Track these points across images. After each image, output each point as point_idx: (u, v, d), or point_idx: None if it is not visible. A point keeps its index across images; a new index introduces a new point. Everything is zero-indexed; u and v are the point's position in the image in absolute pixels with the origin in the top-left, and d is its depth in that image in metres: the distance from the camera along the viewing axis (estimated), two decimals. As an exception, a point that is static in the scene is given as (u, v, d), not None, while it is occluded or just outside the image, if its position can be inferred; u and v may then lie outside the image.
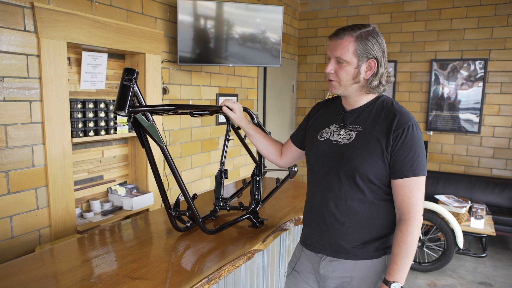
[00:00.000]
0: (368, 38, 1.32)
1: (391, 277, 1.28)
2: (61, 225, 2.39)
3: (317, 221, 1.44)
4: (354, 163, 1.32)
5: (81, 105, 2.47)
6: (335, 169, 1.37)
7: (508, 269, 3.74)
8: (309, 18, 5.54)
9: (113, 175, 2.98)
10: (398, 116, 1.31)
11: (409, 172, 1.27)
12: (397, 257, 1.27)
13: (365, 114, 1.38)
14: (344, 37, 1.32)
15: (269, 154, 1.72)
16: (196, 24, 3.26)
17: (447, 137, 4.85)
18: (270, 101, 4.97)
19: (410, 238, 1.26)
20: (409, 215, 1.28)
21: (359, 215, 1.35)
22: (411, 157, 1.27)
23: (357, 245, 1.37)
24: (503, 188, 4.45)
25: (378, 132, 1.31)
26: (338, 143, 1.38)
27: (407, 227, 1.27)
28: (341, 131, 1.40)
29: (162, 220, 1.88)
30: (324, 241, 1.42)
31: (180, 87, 3.42)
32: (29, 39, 2.18)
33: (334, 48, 1.34)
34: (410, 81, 4.98)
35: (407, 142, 1.27)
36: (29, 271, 1.30)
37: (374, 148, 1.30)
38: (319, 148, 1.44)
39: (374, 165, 1.30)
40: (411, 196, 1.27)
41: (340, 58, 1.32)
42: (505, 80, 4.50)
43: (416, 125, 1.31)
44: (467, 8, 4.57)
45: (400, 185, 1.29)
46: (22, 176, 2.19)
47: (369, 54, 1.32)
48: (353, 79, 1.34)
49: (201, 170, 3.77)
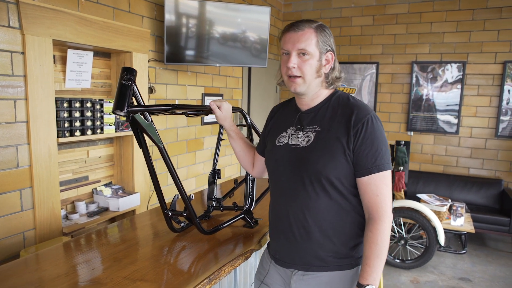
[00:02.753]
0: (325, 30, 1.27)
1: (364, 280, 1.19)
2: (46, 227, 2.32)
3: (285, 233, 1.34)
4: (316, 166, 1.24)
5: (67, 104, 2.41)
6: (297, 175, 1.28)
7: (485, 264, 3.88)
8: (293, 19, 5.57)
9: (98, 176, 2.92)
10: (356, 111, 1.24)
11: (374, 168, 1.20)
12: (369, 259, 1.19)
13: (322, 113, 1.31)
14: (305, 28, 1.25)
15: (244, 161, 1.66)
16: (183, 23, 3.24)
17: (427, 138, 4.98)
18: (255, 101, 4.98)
19: (381, 237, 1.19)
20: (378, 213, 1.20)
21: (328, 222, 1.27)
22: (374, 152, 1.20)
23: (329, 255, 1.29)
24: (480, 187, 4.61)
25: (337, 130, 1.24)
26: (297, 147, 1.30)
27: (377, 226, 1.19)
28: (299, 134, 1.33)
29: (155, 221, 1.85)
30: (295, 254, 1.33)
31: (167, 87, 3.38)
32: (13, 35, 2.11)
33: (295, 40, 1.25)
34: (391, 83, 5.09)
35: (368, 136, 1.20)
36: (23, 274, 1.26)
37: (335, 147, 1.23)
38: (278, 154, 1.36)
39: (338, 165, 1.22)
40: (378, 193, 1.20)
41: (304, 50, 1.24)
42: (482, 82, 4.66)
43: (376, 117, 1.24)
44: (446, 13, 4.71)
45: (366, 182, 1.22)
46: (6, 177, 2.12)
47: (327, 46, 1.27)
48: (316, 72, 1.27)
49: (186, 170, 3.74)
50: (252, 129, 1.94)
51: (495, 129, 4.64)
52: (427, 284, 3.45)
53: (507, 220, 4.11)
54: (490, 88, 4.63)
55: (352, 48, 5.27)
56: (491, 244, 4.46)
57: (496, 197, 4.53)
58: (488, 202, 4.55)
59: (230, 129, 1.60)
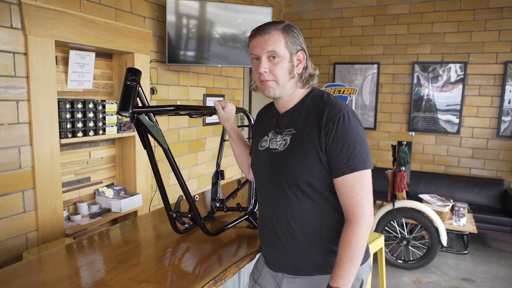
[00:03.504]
0: (292, 30, 1.24)
1: (334, 282, 1.14)
2: (48, 229, 2.32)
3: (271, 238, 1.33)
4: (292, 170, 1.21)
5: (70, 105, 2.41)
6: (277, 179, 1.26)
7: (487, 265, 3.87)
8: (294, 19, 5.57)
9: (100, 177, 2.92)
10: (328, 109, 1.20)
11: (346, 169, 1.15)
12: (341, 261, 1.14)
13: (297, 114, 1.28)
14: (271, 31, 1.22)
15: (241, 164, 1.65)
16: (185, 24, 3.23)
17: (428, 138, 4.98)
18: (256, 102, 4.98)
19: (356, 240, 1.13)
20: (353, 215, 1.16)
21: (313, 226, 1.24)
22: (345, 152, 1.15)
23: (316, 258, 1.27)
24: (482, 187, 4.60)
25: (310, 132, 1.20)
26: (276, 150, 1.28)
27: (352, 228, 1.15)
28: (277, 137, 1.30)
29: (158, 222, 1.85)
30: (283, 259, 1.31)
31: (168, 87, 3.37)
32: (16, 36, 2.11)
33: (263, 44, 1.22)
34: (392, 83, 5.09)
35: (339, 135, 1.16)
36: (28, 276, 1.26)
37: (307, 150, 1.19)
38: (260, 159, 1.35)
39: (312, 168, 1.19)
40: (353, 195, 1.16)
41: (274, 53, 1.21)
42: (483, 82, 4.66)
43: (350, 114, 1.19)
44: (447, 13, 4.71)
45: (340, 184, 1.17)
46: (9, 178, 2.11)
47: (297, 46, 1.24)
48: (289, 74, 1.24)
49: (188, 171, 3.74)
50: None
51: (497, 129, 4.64)
52: (430, 284, 3.44)
53: (509, 220, 4.11)
54: (491, 88, 4.63)
55: (353, 49, 5.26)
56: (493, 245, 4.45)
57: (498, 198, 4.53)
58: (490, 202, 4.55)
59: (232, 130, 1.60)
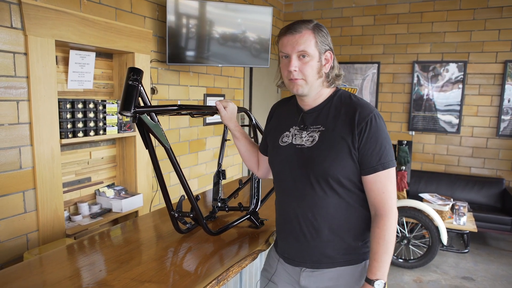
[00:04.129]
0: (321, 29, 1.27)
1: (373, 275, 1.22)
2: (49, 229, 2.31)
3: (294, 233, 1.35)
4: (323, 166, 1.25)
5: (70, 105, 2.40)
6: (304, 175, 1.29)
7: (488, 263, 3.87)
8: (294, 19, 5.56)
9: (101, 177, 2.91)
10: (359, 110, 1.25)
11: (379, 166, 1.22)
12: (377, 254, 1.22)
13: (325, 112, 1.32)
14: (302, 30, 1.24)
15: (249, 162, 1.65)
16: (185, 23, 3.23)
17: (428, 137, 4.98)
18: (256, 101, 4.97)
19: (388, 233, 1.22)
20: (384, 210, 1.23)
21: (337, 220, 1.29)
22: (378, 150, 1.22)
23: (338, 252, 1.31)
24: (482, 186, 4.61)
25: (341, 129, 1.25)
26: (302, 146, 1.31)
27: (384, 222, 1.22)
28: (303, 134, 1.33)
29: (159, 222, 1.85)
30: (304, 254, 1.34)
31: (169, 87, 3.37)
32: (16, 36, 2.10)
33: (294, 43, 1.25)
34: (392, 82, 5.09)
35: (372, 135, 1.22)
36: (29, 277, 1.26)
37: (340, 146, 1.24)
38: (283, 155, 1.36)
39: (344, 164, 1.24)
40: (384, 191, 1.23)
41: (304, 52, 1.24)
42: (483, 82, 4.66)
43: (379, 116, 1.26)
44: (447, 12, 4.71)
45: (371, 181, 1.24)
46: (9, 178, 2.11)
47: (326, 46, 1.27)
48: (317, 73, 1.27)
49: (189, 171, 3.73)
50: (256, 129, 1.93)
51: (496, 128, 4.64)
52: (430, 283, 3.44)
53: (509, 219, 4.11)
54: (491, 88, 4.64)
55: (353, 48, 5.26)
56: (493, 243, 4.45)
57: (498, 196, 4.53)
58: (490, 201, 4.55)
59: (235, 130, 1.59)
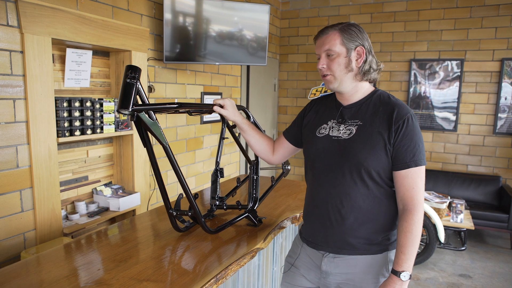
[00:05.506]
0: (350, 28, 1.37)
1: (399, 267, 1.29)
2: (46, 228, 2.30)
3: (320, 218, 1.44)
4: (358, 157, 1.34)
5: (67, 103, 2.39)
6: (338, 164, 1.38)
7: (484, 261, 3.89)
8: (291, 17, 5.57)
9: (98, 176, 2.90)
10: (397, 109, 1.34)
11: (411, 163, 1.30)
12: (404, 247, 1.29)
13: (364, 108, 1.41)
14: (329, 32, 1.38)
15: (261, 151, 1.69)
16: (182, 21, 3.22)
17: (425, 135, 4.99)
18: (253, 99, 4.97)
19: (415, 227, 1.28)
20: (413, 204, 1.30)
21: (363, 210, 1.37)
22: (412, 148, 1.30)
23: (360, 240, 1.38)
24: (478, 184, 4.63)
25: (379, 125, 1.34)
26: (338, 138, 1.40)
27: (412, 216, 1.29)
28: (341, 127, 1.42)
29: (157, 221, 1.84)
30: (329, 239, 1.43)
31: (166, 86, 3.36)
32: (12, 34, 2.09)
33: (321, 44, 1.39)
34: (390, 80, 5.09)
35: (408, 133, 1.31)
36: (26, 276, 1.25)
37: (377, 141, 1.33)
38: (319, 145, 1.45)
39: (378, 158, 1.32)
40: (414, 186, 1.31)
41: (330, 51, 1.37)
42: (479, 80, 4.67)
43: (414, 116, 1.35)
44: (444, 10, 4.72)
45: (403, 176, 1.31)
46: (6, 177, 2.10)
47: (355, 42, 1.36)
48: (345, 67, 1.37)
49: (186, 169, 3.73)
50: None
51: (493, 126, 4.66)
52: (428, 281, 3.46)
53: (506, 217, 4.13)
54: (488, 86, 4.65)
55: (350, 46, 5.25)
56: (490, 241, 4.48)
57: (495, 194, 4.55)
58: (487, 198, 4.57)
59: (242, 123, 1.62)
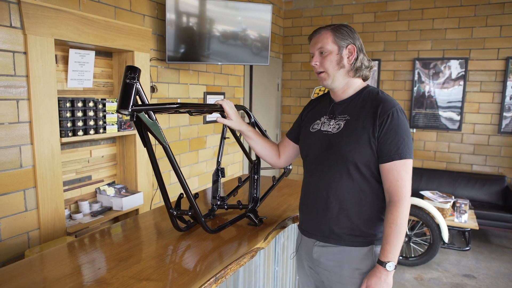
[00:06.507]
0: (342, 28, 1.45)
1: (385, 257, 1.34)
2: (50, 227, 2.32)
3: (309, 207, 1.54)
4: (343, 150, 1.39)
5: (70, 104, 2.41)
6: (326, 157, 1.46)
7: (489, 261, 3.87)
8: (294, 16, 5.56)
9: (101, 175, 2.92)
10: (382, 103, 1.38)
11: (396, 156, 1.33)
12: (389, 238, 1.33)
13: (353, 104, 1.46)
14: (321, 31, 1.46)
15: (267, 156, 1.74)
16: (184, 21, 3.23)
17: (429, 135, 4.97)
18: (256, 99, 4.97)
19: (400, 218, 1.32)
20: (397, 196, 1.34)
21: (347, 202, 1.42)
22: (396, 141, 1.34)
23: (345, 230, 1.44)
24: (483, 184, 4.60)
25: (364, 119, 1.39)
26: (328, 132, 1.47)
27: (397, 208, 1.33)
28: (331, 122, 1.49)
29: (159, 220, 1.85)
30: (316, 226, 1.51)
31: (169, 86, 3.37)
32: (15, 35, 2.10)
33: (314, 43, 1.47)
34: (393, 80, 5.07)
35: (393, 127, 1.34)
36: (30, 274, 1.26)
37: (361, 134, 1.37)
38: (311, 139, 1.53)
39: (362, 151, 1.37)
40: (398, 179, 1.34)
41: (322, 48, 1.44)
42: (484, 79, 4.64)
43: (401, 110, 1.38)
44: (448, 9, 4.69)
45: (388, 168, 1.35)
46: (10, 177, 2.12)
47: (346, 40, 1.43)
48: (337, 64, 1.43)
49: (189, 169, 3.74)
50: (255, 127, 1.93)
51: (498, 125, 4.62)
52: (432, 281, 3.44)
53: (511, 217, 4.10)
54: (492, 84, 4.62)
55: (354, 45, 5.24)
56: (495, 241, 4.44)
57: (500, 194, 4.52)
58: (492, 198, 4.54)
59: (248, 130, 1.66)
